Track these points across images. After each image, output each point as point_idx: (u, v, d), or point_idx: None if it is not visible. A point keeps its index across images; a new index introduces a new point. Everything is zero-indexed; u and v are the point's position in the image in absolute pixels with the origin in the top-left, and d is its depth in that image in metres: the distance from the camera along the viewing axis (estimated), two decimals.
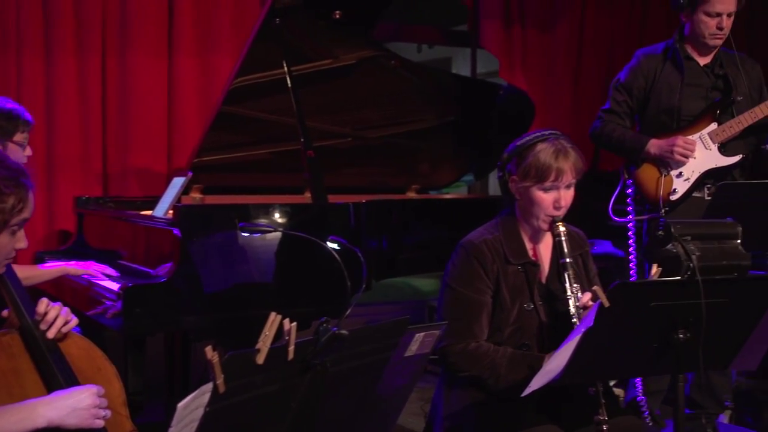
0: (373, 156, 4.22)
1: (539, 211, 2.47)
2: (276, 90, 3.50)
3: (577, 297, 2.41)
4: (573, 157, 2.45)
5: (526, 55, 5.14)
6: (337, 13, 3.51)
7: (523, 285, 2.49)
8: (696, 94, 3.59)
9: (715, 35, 3.51)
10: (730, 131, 3.51)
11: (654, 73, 3.63)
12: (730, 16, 3.49)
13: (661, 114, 3.61)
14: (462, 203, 4.44)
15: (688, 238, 2.11)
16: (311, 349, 1.67)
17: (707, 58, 3.62)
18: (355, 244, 3.06)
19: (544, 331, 2.48)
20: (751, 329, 2.22)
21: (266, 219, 3.06)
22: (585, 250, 2.63)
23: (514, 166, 2.49)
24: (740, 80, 3.57)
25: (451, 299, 2.49)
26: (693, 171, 3.53)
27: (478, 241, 2.50)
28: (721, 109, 3.55)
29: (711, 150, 3.53)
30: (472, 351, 2.43)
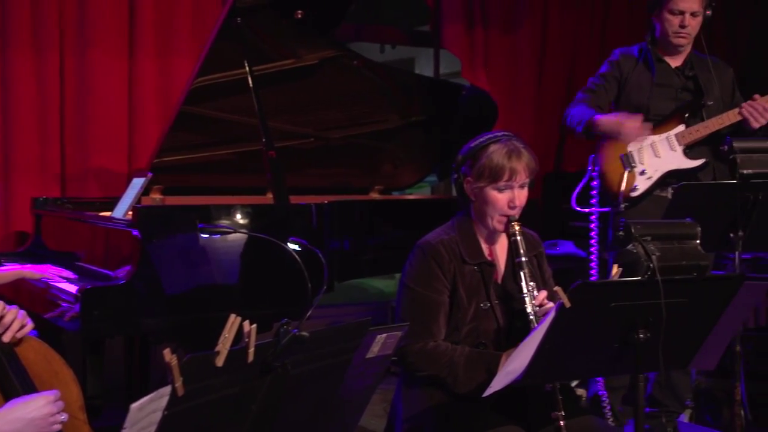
0: (336, 156, 4.21)
1: (494, 212, 2.50)
2: (237, 90, 3.48)
3: (533, 295, 2.45)
4: (526, 157, 2.50)
5: (489, 56, 5.16)
6: (300, 13, 3.50)
7: (479, 285, 2.53)
8: (666, 95, 3.65)
9: (679, 33, 3.56)
10: (696, 134, 3.56)
11: (627, 70, 3.69)
12: (695, 16, 3.54)
13: (630, 112, 3.65)
14: (425, 204, 4.45)
15: (648, 238, 2.14)
16: (271, 351, 1.66)
17: (678, 60, 3.68)
18: (317, 245, 3.05)
19: (501, 330, 2.52)
20: (709, 329, 2.26)
21: (227, 220, 3.04)
22: (539, 251, 2.68)
23: (468, 167, 2.54)
24: (712, 84, 3.63)
25: (408, 299, 2.52)
26: (656, 170, 3.57)
27: (434, 241, 2.54)
28: (691, 112, 3.60)
29: (676, 151, 3.58)
30: (431, 350, 2.46)
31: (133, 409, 1.50)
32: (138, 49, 4.24)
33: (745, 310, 2.46)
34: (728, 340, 2.43)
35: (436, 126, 4.35)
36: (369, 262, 3.64)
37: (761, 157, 2.86)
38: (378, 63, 4.10)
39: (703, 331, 2.25)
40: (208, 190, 3.83)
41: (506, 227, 2.52)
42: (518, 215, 2.52)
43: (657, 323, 2.10)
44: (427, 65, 6.80)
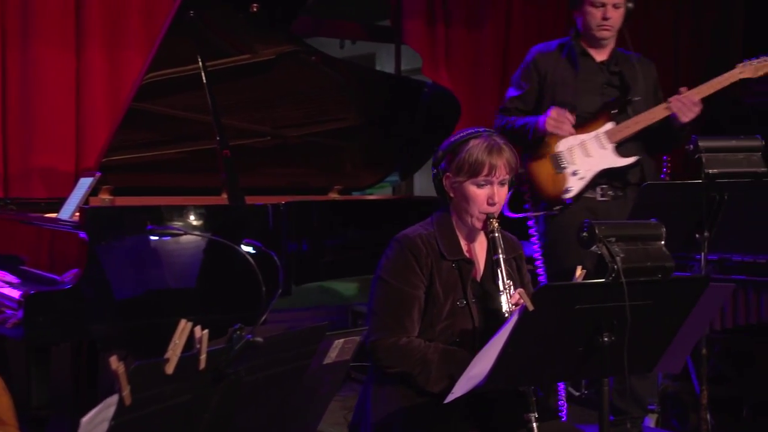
0: (294, 155, 4.20)
1: (473, 208, 2.52)
2: (190, 86, 3.45)
3: (510, 293, 2.47)
4: (506, 153, 2.53)
5: (451, 53, 5.18)
6: (255, 6, 3.48)
7: (456, 281, 2.55)
8: (591, 91, 3.68)
9: (602, 26, 3.61)
10: (626, 131, 3.60)
11: (547, 68, 3.71)
12: (617, 8, 3.59)
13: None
14: (386, 204, 4.45)
15: (613, 239, 2.16)
16: (224, 358, 1.65)
17: (603, 55, 3.71)
18: (273, 247, 3.04)
19: (476, 329, 2.54)
20: (675, 331, 2.28)
21: (180, 221, 3.01)
22: (518, 254, 2.71)
23: (448, 162, 2.56)
24: (637, 80, 3.67)
25: (383, 292, 2.53)
26: (588, 170, 3.60)
27: (413, 235, 2.56)
28: (618, 108, 3.63)
29: (607, 149, 3.61)
30: (403, 346, 2.46)
31: (84, 423, 1.48)
32: (86, 42, 4.18)
33: (710, 312, 2.50)
34: (694, 343, 2.46)
35: (397, 124, 4.36)
36: (328, 264, 3.63)
37: (727, 157, 2.90)
38: (337, 59, 4.09)
39: (668, 333, 2.28)
40: (159, 190, 3.79)
41: (485, 225, 2.54)
42: (497, 213, 2.55)
43: (622, 326, 2.12)
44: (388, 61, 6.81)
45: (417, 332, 2.51)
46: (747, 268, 3.87)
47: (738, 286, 3.85)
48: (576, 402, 4.43)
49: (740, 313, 3.88)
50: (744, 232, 3.08)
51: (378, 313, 2.52)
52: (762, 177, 2.91)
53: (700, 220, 2.95)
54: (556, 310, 2.09)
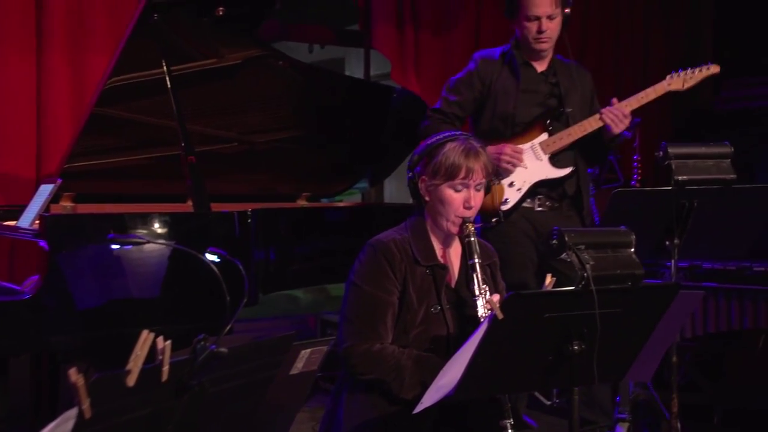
0: (261, 162, 4.18)
1: (449, 212, 2.53)
2: (155, 91, 3.43)
3: (485, 298, 2.49)
4: (483, 157, 2.55)
5: (420, 57, 5.19)
6: (221, 10, 3.47)
7: (430, 287, 2.55)
8: (532, 101, 3.69)
9: (538, 39, 3.62)
10: (560, 143, 3.64)
11: (491, 77, 3.71)
12: (552, 19, 3.60)
13: (495, 120, 3.70)
14: (356, 211, 4.45)
15: (582, 246, 2.17)
16: (187, 369, 1.64)
17: (543, 65, 3.73)
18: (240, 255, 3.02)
19: (451, 335, 2.55)
20: (645, 339, 2.30)
21: (144, 229, 3.00)
22: (494, 261, 2.72)
23: (424, 166, 2.57)
24: (573, 91, 3.70)
25: (356, 298, 2.53)
26: (524, 181, 3.63)
27: (386, 240, 2.57)
28: (552, 119, 3.66)
29: (542, 161, 3.64)
30: (376, 352, 2.47)
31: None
32: (47, 44, 4.13)
33: (681, 319, 2.53)
34: (664, 351, 2.49)
35: (366, 130, 4.36)
36: (296, 273, 3.62)
37: (696, 163, 2.93)
38: (305, 63, 4.09)
39: (638, 341, 2.30)
40: (123, 197, 3.76)
41: (461, 229, 2.55)
42: (473, 217, 2.56)
43: (592, 334, 2.14)
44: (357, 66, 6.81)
45: (391, 338, 2.52)
46: (717, 275, 3.91)
47: (708, 294, 3.90)
48: (547, 411, 4.46)
49: (711, 320, 3.92)
50: (714, 239, 3.11)
51: (351, 319, 2.52)
52: (731, 184, 2.95)
53: (670, 227, 2.98)
54: (526, 319, 2.10)
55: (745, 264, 3.86)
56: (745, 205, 3.05)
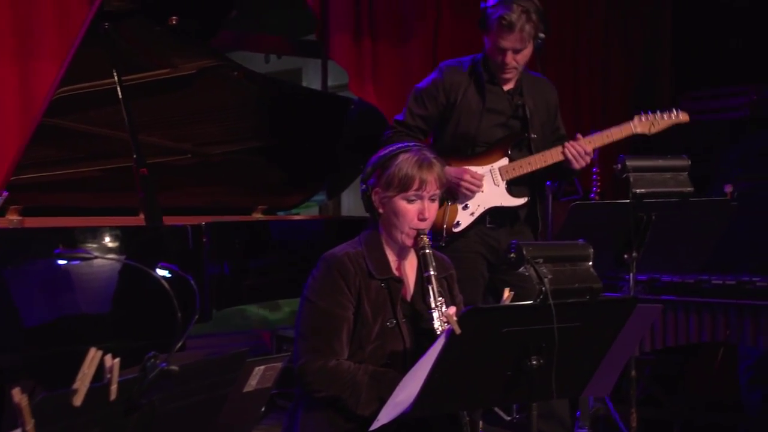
0: (216, 174, 4.16)
1: (403, 224, 2.54)
2: (105, 101, 3.40)
3: (442, 310, 2.49)
4: (437, 168, 2.56)
5: (377, 69, 5.20)
6: (174, 19, 3.45)
7: (385, 301, 2.55)
8: (495, 121, 3.64)
9: (503, 69, 3.57)
10: (519, 170, 3.60)
11: (457, 92, 3.64)
12: (517, 52, 3.52)
13: (457, 138, 3.64)
14: (313, 224, 4.44)
15: (540, 260, 2.19)
16: (137, 388, 1.62)
17: (510, 84, 3.66)
18: (193, 270, 3.00)
19: (407, 350, 2.55)
20: (603, 353, 2.32)
21: (94, 243, 2.96)
22: (450, 273, 2.73)
23: (377, 177, 2.57)
24: (536, 114, 3.66)
25: (310, 313, 2.52)
26: (479, 206, 3.59)
27: (340, 254, 2.56)
28: (515, 145, 3.63)
29: (499, 187, 3.60)
30: (332, 369, 2.46)
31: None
32: None
33: (639, 333, 2.56)
34: (623, 365, 2.51)
35: (323, 142, 4.36)
36: (251, 287, 3.60)
37: (654, 176, 2.96)
38: (261, 74, 4.08)
39: (597, 355, 2.32)
40: (72, 210, 3.72)
41: (415, 241, 2.55)
42: (428, 229, 2.56)
43: (550, 349, 2.15)
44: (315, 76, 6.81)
45: (346, 354, 2.51)
46: (676, 288, 3.96)
47: (667, 307, 3.94)
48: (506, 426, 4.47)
49: (669, 333, 3.96)
50: (672, 252, 3.16)
51: (306, 335, 2.51)
52: (689, 196, 2.99)
53: (628, 240, 3.02)
54: (484, 334, 2.11)
55: (704, 277, 3.92)
56: (702, 218, 3.09)
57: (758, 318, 3.77)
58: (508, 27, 3.45)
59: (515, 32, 3.47)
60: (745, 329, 3.81)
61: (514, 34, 3.47)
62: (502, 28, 3.47)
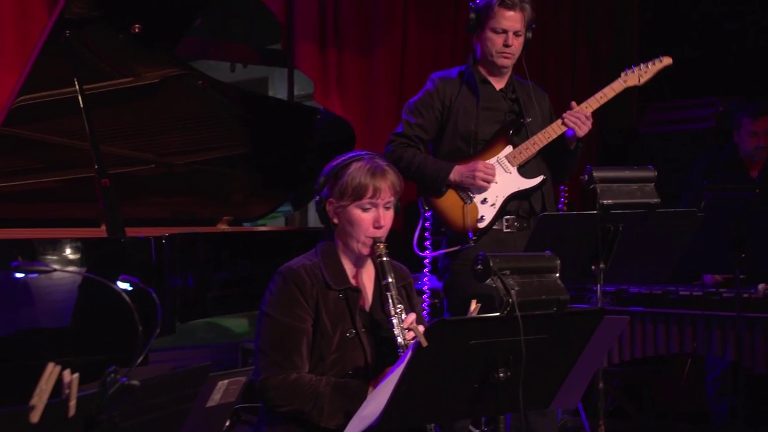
0: (180, 184, 4.13)
1: (359, 233, 2.54)
2: (66, 110, 3.37)
3: (401, 318, 2.49)
4: (390, 175, 2.56)
5: (343, 78, 5.20)
6: (137, 27, 3.43)
7: (344, 311, 2.55)
8: (493, 118, 3.73)
9: (502, 53, 3.67)
10: (526, 153, 3.68)
11: (450, 97, 3.74)
12: (518, 36, 3.66)
13: (457, 139, 3.73)
14: (279, 235, 4.42)
15: (507, 272, 2.19)
16: (96, 403, 1.60)
17: (502, 83, 3.78)
18: (157, 282, 2.97)
19: (368, 359, 2.55)
20: (571, 365, 2.33)
21: (54, 255, 2.93)
22: (408, 282, 2.73)
23: (330, 188, 2.57)
24: (531, 105, 3.76)
25: (269, 328, 2.52)
26: (497, 196, 3.65)
27: (296, 266, 2.56)
28: (514, 131, 3.71)
29: (511, 173, 3.68)
30: (293, 382, 2.45)
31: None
32: None
33: (606, 344, 2.57)
34: (590, 377, 2.52)
35: (289, 152, 4.35)
36: (216, 300, 3.58)
37: (621, 187, 2.99)
38: (226, 83, 4.07)
39: (564, 368, 2.33)
40: (32, 221, 3.68)
41: (372, 250, 2.55)
42: (384, 237, 2.56)
43: (517, 361, 2.15)
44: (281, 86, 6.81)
45: (307, 367, 2.51)
46: (643, 299, 4.00)
47: (635, 318, 3.98)
48: None
49: (637, 345, 4.00)
50: (639, 263, 3.18)
51: (265, 350, 2.50)
52: (655, 208, 3.02)
53: (596, 252, 3.04)
54: (451, 346, 2.11)
55: (671, 288, 3.96)
56: (669, 229, 3.12)
57: (725, 329, 3.82)
58: (510, 4, 3.61)
59: (516, 11, 3.62)
60: (712, 340, 3.85)
61: (515, 12, 3.63)
62: (504, 7, 3.61)
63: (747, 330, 3.76)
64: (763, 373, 3.77)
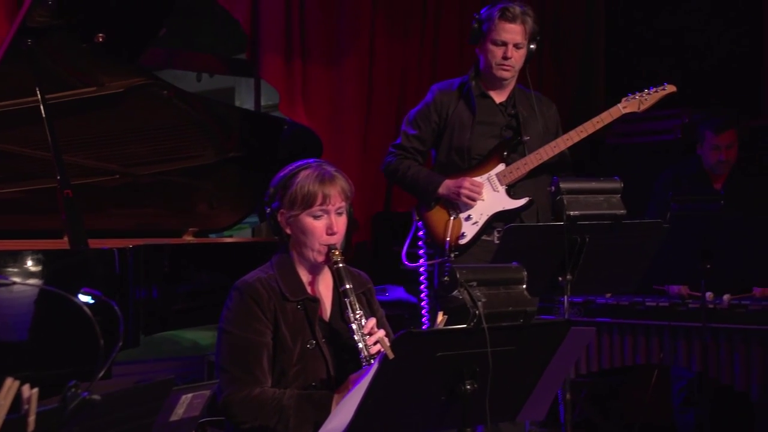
0: (145, 195, 4.10)
1: (313, 241, 2.53)
2: (28, 120, 3.32)
3: (361, 324, 2.48)
4: (340, 181, 2.57)
5: (308, 89, 5.19)
6: (101, 36, 3.40)
7: (303, 322, 2.54)
8: (488, 133, 3.76)
9: (502, 65, 3.70)
10: (517, 173, 3.70)
11: (448, 109, 3.78)
12: (518, 48, 3.70)
13: (452, 152, 3.76)
14: (246, 247, 4.40)
15: (474, 283, 2.20)
16: (56, 419, 1.58)
17: (503, 96, 3.80)
18: (121, 294, 2.94)
19: (330, 369, 2.54)
20: (538, 377, 2.34)
21: (14, 267, 2.89)
22: (368, 288, 2.73)
23: (280, 198, 2.57)
24: (532, 120, 3.77)
25: (228, 344, 2.50)
26: (481, 214, 3.68)
27: (251, 280, 2.55)
28: (509, 150, 3.73)
29: (499, 192, 3.70)
30: (256, 397, 2.44)
31: None
32: None
33: (573, 356, 2.58)
34: (557, 388, 2.53)
35: (256, 162, 4.33)
36: (181, 312, 3.56)
37: (587, 198, 3.01)
38: (192, 93, 4.04)
39: (531, 379, 2.33)
40: None
41: (327, 257, 2.55)
42: (339, 243, 2.56)
43: (484, 373, 2.16)
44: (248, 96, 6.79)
45: (270, 382, 2.49)
46: (610, 310, 4.02)
47: (602, 329, 4.00)
48: None
49: (605, 356, 4.02)
50: (605, 274, 3.20)
51: (226, 367, 2.49)
52: (621, 219, 3.04)
53: (563, 263, 3.05)
54: (418, 358, 2.10)
55: (638, 299, 3.98)
56: (635, 240, 3.15)
57: (690, 340, 3.85)
58: (511, 17, 3.64)
59: (517, 23, 3.66)
60: (678, 351, 3.88)
61: (515, 25, 3.66)
62: (505, 19, 3.65)
63: (712, 341, 3.79)
64: (729, 383, 3.80)
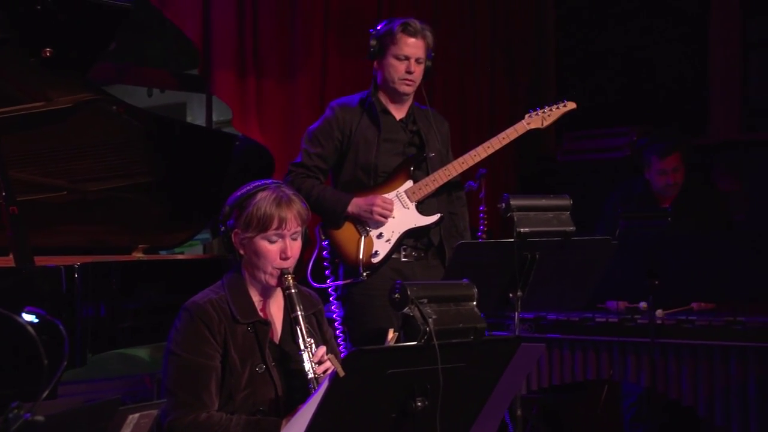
0: (94, 212, 4.05)
1: (266, 264, 2.51)
2: None
3: (312, 352, 2.46)
4: (297, 205, 2.55)
5: (262, 105, 5.17)
6: (48, 51, 3.36)
7: (253, 346, 2.51)
8: (393, 150, 3.77)
9: (405, 80, 3.71)
10: (426, 189, 3.72)
11: (351, 126, 3.76)
12: (419, 63, 3.72)
13: (357, 170, 3.75)
14: (196, 264, 4.36)
15: (425, 300, 2.21)
16: None
17: (402, 112, 3.82)
18: (67, 313, 2.89)
19: (280, 394, 2.51)
20: (488, 393, 2.35)
21: None
22: (318, 309, 2.72)
23: (236, 218, 2.54)
24: (432, 137, 3.82)
25: (176, 367, 2.47)
26: (393, 231, 3.67)
27: (202, 301, 2.51)
28: (415, 166, 3.75)
29: (409, 209, 3.70)
30: (203, 423, 2.40)
31: None
32: None
33: (523, 372, 2.60)
34: (508, 405, 2.54)
35: (207, 179, 4.30)
36: (130, 330, 3.51)
37: (538, 215, 3.04)
38: (142, 109, 4.01)
39: (482, 395, 2.34)
40: None
41: (280, 281, 2.52)
42: (292, 268, 2.54)
43: (435, 390, 2.16)
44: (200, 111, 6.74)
45: (217, 406, 2.46)
46: (561, 326, 4.05)
47: (553, 345, 4.02)
48: None
49: (555, 372, 4.05)
50: (556, 290, 3.23)
51: (173, 390, 2.45)
52: (571, 236, 3.07)
53: (514, 279, 3.07)
54: (368, 375, 2.10)
55: (588, 315, 4.02)
56: (584, 257, 3.18)
57: (640, 355, 3.89)
58: (413, 32, 3.67)
59: (418, 38, 3.68)
60: (628, 366, 3.92)
61: (417, 39, 3.68)
62: (407, 34, 3.68)
63: (661, 356, 3.83)
64: (676, 398, 3.85)
